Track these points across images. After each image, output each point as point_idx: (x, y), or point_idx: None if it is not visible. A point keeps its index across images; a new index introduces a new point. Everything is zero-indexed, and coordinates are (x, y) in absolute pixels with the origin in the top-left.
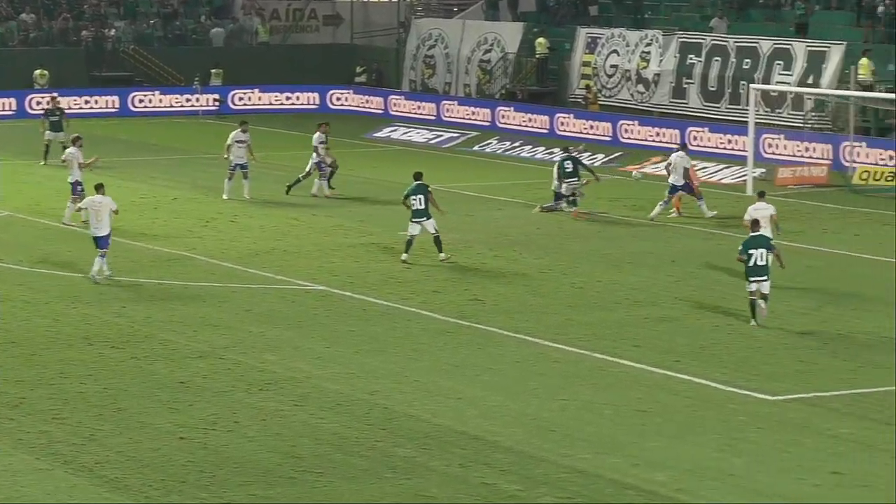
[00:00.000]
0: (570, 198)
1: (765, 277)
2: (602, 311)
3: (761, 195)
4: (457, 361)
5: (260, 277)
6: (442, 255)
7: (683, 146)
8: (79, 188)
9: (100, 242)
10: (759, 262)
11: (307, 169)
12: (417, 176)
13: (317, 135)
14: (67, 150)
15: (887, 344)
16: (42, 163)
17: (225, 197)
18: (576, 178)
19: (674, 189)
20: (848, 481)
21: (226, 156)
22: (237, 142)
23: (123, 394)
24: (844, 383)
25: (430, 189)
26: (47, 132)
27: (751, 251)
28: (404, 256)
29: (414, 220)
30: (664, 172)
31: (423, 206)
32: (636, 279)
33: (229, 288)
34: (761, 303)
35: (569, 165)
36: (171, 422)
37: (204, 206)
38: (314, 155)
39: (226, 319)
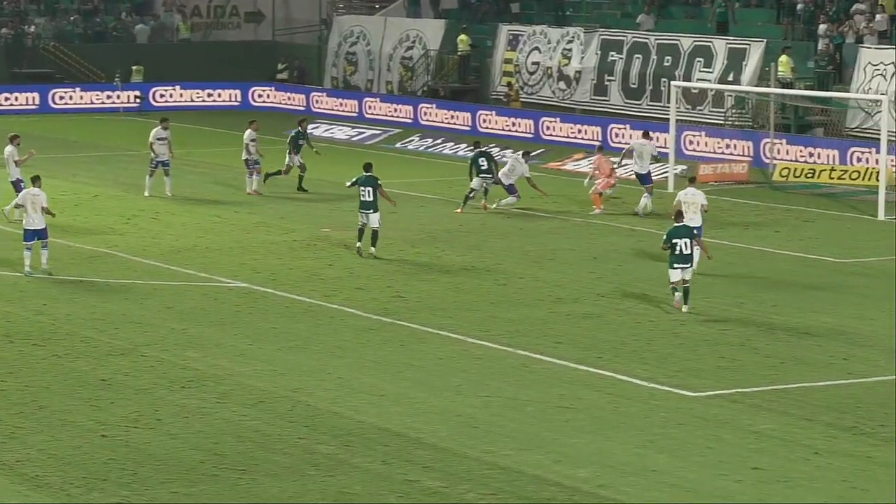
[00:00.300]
0: (483, 191)
1: (688, 265)
2: (525, 307)
3: (692, 181)
4: (380, 358)
5: (182, 275)
6: (373, 249)
7: (646, 133)
8: (21, 185)
9: (32, 235)
10: (683, 251)
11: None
12: (367, 167)
13: (248, 132)
14: (6, 149)
15: (807, 340)
16: None
17: (147, 194)
18: (490, 175)
19: (641, 178)
20: (769, 477)
21: (152, 154)
22: (158, 139)
23: (45, 391)
24: (765, 379)
25: (379, 182)
26: None
27: (675, 240)
28: (358, 245)
29: (361, 210)
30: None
31: (370, 199)
32: (558, 276)
33: (151, 285)
34: (678, 294)
35: (483, 162)
36: (92, 419)
37: (125, 203)
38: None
39: (148, 317)
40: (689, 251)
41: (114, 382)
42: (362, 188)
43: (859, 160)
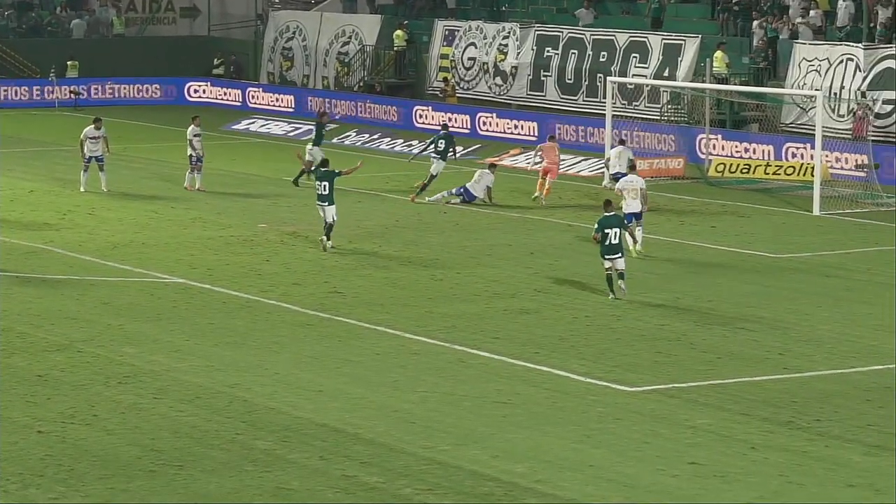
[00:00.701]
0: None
1: (619, 255)
2: (462, 303)
3: (632, 168)
4: (317, 354)
5: (119, 270)
6: (329, 242)
7: (622, 141)
8: None
9: None
10: (613, 241)
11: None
12: (324, 163)
13: (191, 128)
14: None
15: (743, 335)
16: None
17: (82, 189)
18: (441, 158)
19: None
20: (705, 472)
21: (82, 153)
22: (90, 138)
23: None
24: (701, 375)
25: (338, 172)
26: None
27: (606, 230)
28: (325, 240)
29: (318, 203)
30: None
31: (326, 192)
32: (495, 271)
33: (88, 281)
34: (621, 283)
35: (441, 144)
36: (28, 415)
37: (61, 198)
38: (192, 149)
39: (84, 312)
40: (617, 240)
41: (50, 378)
42: (318, 182)
43: (794, 156)
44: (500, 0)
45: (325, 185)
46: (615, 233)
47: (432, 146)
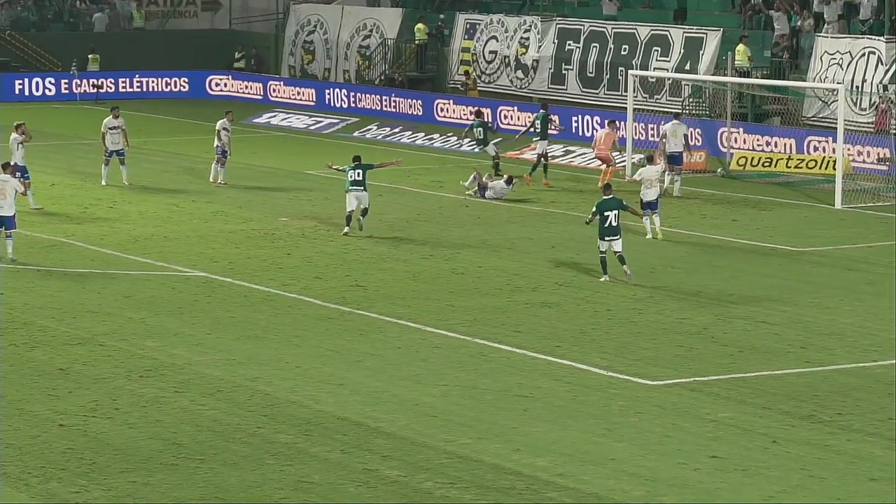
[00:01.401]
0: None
1: (617, 237)
2: (483, 296)
3: (650, 160)
4: (338, 347)
5: (140, 264)
6: (362, 219)
7: (677, 115)
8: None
9: (6, 223)
10: (612, 223)
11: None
12: (356, 159)
13: (222, 121)
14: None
15: (764, 328)
16: None
17: (104, 183)
18: (481, 145)
19: (672, 159)
20: (727, 465)
21: (104, 146)
22: (110, 129)
23: (2, 381)
24: (723, 368)
25: (372, 166)
26: None
27: (605, 213)
28: (362, 219)
29: (351, 188)
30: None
31: (360, 178)
32: (516, 265)
33: (109, 274)
34: (625, 268)
35: (479, 132)
36: (50, 409)
37: (83, 192)
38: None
39: (105, 306)
40: (616, 223)
41: (71, 372)
42: (353, 170)
43: (816, 149)
44: None
45: (359, 172)
46: (615, 215)
47: (532, 129)
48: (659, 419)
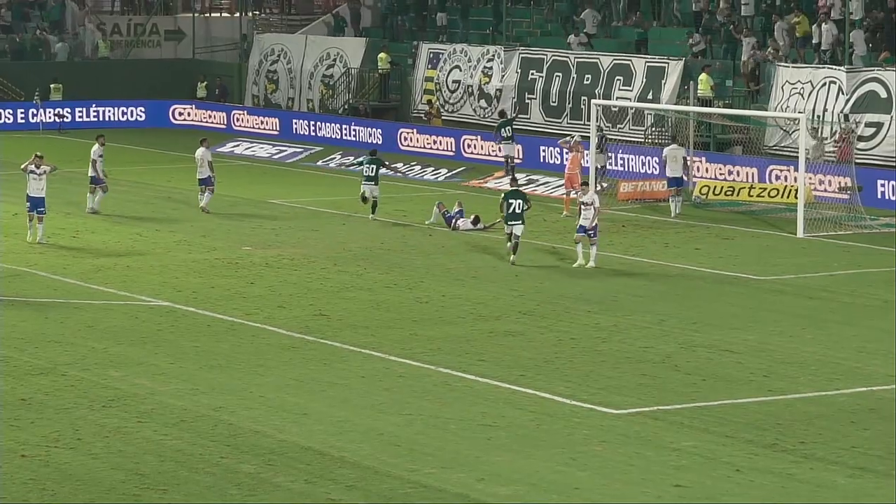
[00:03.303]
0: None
1: (520, 222)
2: (447, 325)
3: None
4: (302, 377)
5: (103, 293)
6: (373, 216)
7: (673, 138)
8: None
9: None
10: (516, 210)
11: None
12: (373, 152)
13: (200, 150)
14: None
15: (727, 357)
16: None
17: (89, 207)
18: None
19: (672, 182)
20: (690, 494)
21: (93, 173)
22: (100, 156)
23: None
24: (686, 397)
25: (385, 164)
26: None
27: (510, 200)
28: (373, 215)
29: (365, 183)
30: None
31: (373, 174)
32: (480, 293)
33: (72, 304)
34: (512, 258)
35: (508, 130)
36: (12, 439)
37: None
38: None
39: (68, 336)
40: (520, 210)
41: (34, 402)
42: (367, 166)
43: (778, 178)
44: (485, 24)
45: (373, 168)
46: (518, 203)
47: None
48: (623, 448)
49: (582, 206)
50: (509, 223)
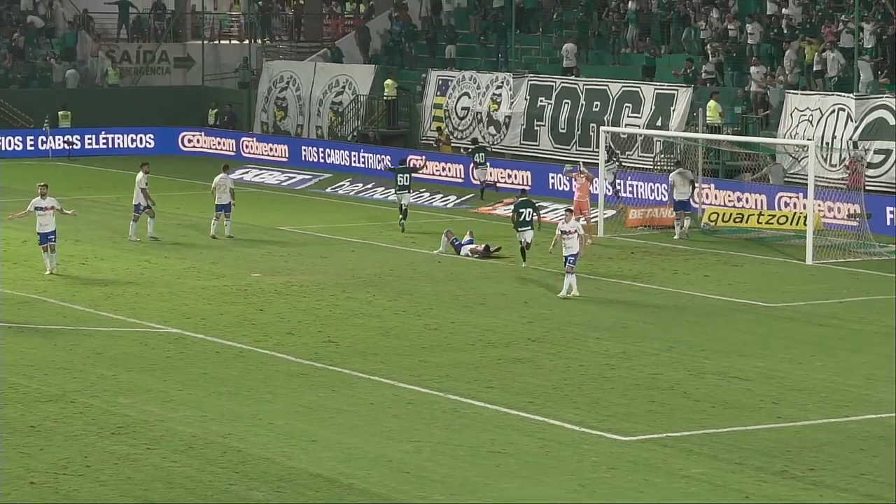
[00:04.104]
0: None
1: (529, 228)
2: (456, 352)
3: (678, 164)
4: (311, 403)
5: (112, 320)
6: (404, 221)
7: (678, 163)
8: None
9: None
10: (526, 218)
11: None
12: (402, 162)
13: (220, 176)
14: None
15: (737, 384)
16: None
17: (131, 236)
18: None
19: (679, 206)
20: None
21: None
22: (146, 184)
23: None
24: (696, 424)
25: (414, 168)
26: None
27: (520, 210)
28: (403, 220)
29: (398, 192)
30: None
31: (406, 184)
32: (489, 320)
33: (81, 331)
34: (523, 264)
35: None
36: (21, 466)
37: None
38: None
39: (77, 363)
40: (530, 218)
41: (43, 429)
42: (400, 175)
43: (787, 205)
44: (493, 51)
45: (406, 177)
46: (528, 212)
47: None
48: (632, 475)
49: (564, 235)
50: (520, 230)
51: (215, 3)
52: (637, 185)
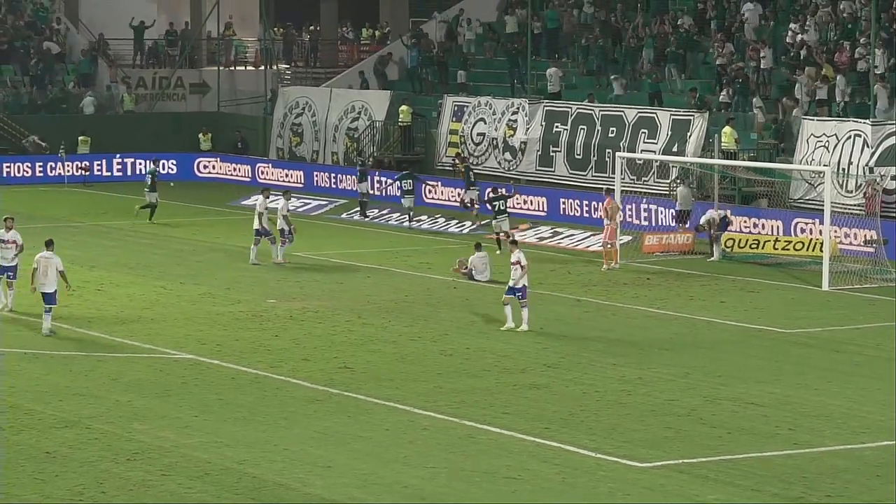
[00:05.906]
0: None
1: (506, 216)
2: (471, 378)
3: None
4: (326, 430)
5: (127, 346)
6: (408, 223)
7: (682, 181)
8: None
9: (47, 298)
10: (500, 207)
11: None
12: (404, 169)
13: (260, 199)
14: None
15: (753, 410)
16: None
17: (252, 259)
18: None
19: (684, 215)
20: None
21: (258, 225)
22: (265, 209)
23: None
24: (712, 450)
25: (417, 176)
26: None
27: (494, 202)
28: (409, 221)
29: (404, 195)
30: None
31: (411, 188)
32: (505, 346)
33: (96, 357)
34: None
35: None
36: (36, 493)
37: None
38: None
39: (93, 389)
40: (503, 207)
41: (58, 455)
42: (404, 181)
43: (803, 231)
44: (508, 77)
45: (409, 182)
46: (499, 204)
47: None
48: (648, 501)
49: (512, 265)
50: (498, 218)
51: (233, 29)
52: (653, 211)
